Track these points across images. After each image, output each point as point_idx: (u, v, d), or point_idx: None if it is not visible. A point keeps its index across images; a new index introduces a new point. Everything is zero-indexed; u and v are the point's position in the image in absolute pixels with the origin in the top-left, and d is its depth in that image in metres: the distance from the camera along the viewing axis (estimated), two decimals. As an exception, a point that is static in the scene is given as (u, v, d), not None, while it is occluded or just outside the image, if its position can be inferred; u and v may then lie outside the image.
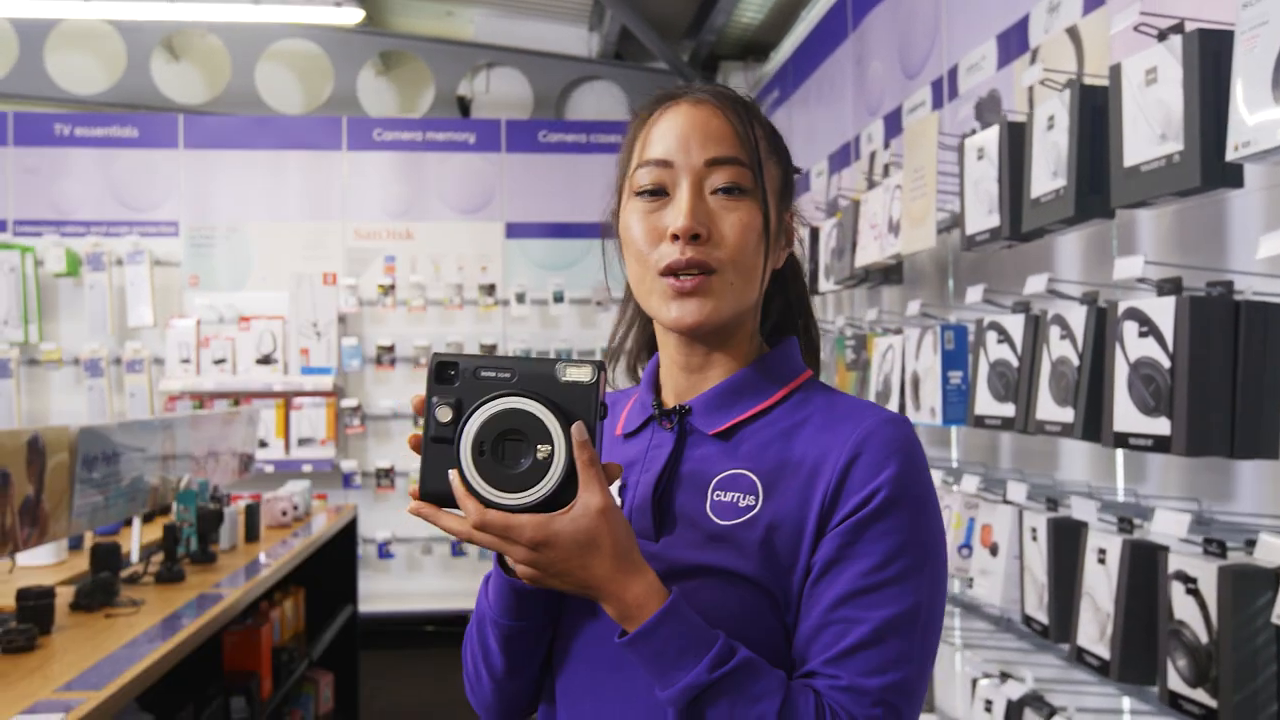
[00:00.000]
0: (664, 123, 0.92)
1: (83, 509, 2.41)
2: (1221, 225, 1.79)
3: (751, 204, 0.90)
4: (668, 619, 0.81)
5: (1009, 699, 1.99)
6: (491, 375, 0.81)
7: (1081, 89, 1.78)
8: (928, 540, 0.86)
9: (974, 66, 2.87)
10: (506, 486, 0.80)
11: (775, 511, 0.87)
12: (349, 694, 4.02)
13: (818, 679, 0.84)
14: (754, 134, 0.92)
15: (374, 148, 5.69)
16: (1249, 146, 1.31)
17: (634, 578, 0.82)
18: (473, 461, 0.79)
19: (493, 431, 0.80)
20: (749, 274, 0.91)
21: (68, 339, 5.39)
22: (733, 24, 5.45)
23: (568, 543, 0.80)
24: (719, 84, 0.96)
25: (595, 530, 0.80)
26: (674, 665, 0.81)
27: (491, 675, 0.95)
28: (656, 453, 0.93)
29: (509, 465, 0.80)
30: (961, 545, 2.24)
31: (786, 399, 0.94)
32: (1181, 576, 1.51)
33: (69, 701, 1.65)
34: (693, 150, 0.90)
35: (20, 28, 5.54)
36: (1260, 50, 1.30)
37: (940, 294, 2.93)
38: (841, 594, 0.84)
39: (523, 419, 0.80)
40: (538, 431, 0.80)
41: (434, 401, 0.81)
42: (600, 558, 0.80)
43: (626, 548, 0.82)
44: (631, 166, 0.93)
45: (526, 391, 0.80)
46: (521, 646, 0.92)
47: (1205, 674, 1.46)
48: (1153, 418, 1.54)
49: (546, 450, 0.79)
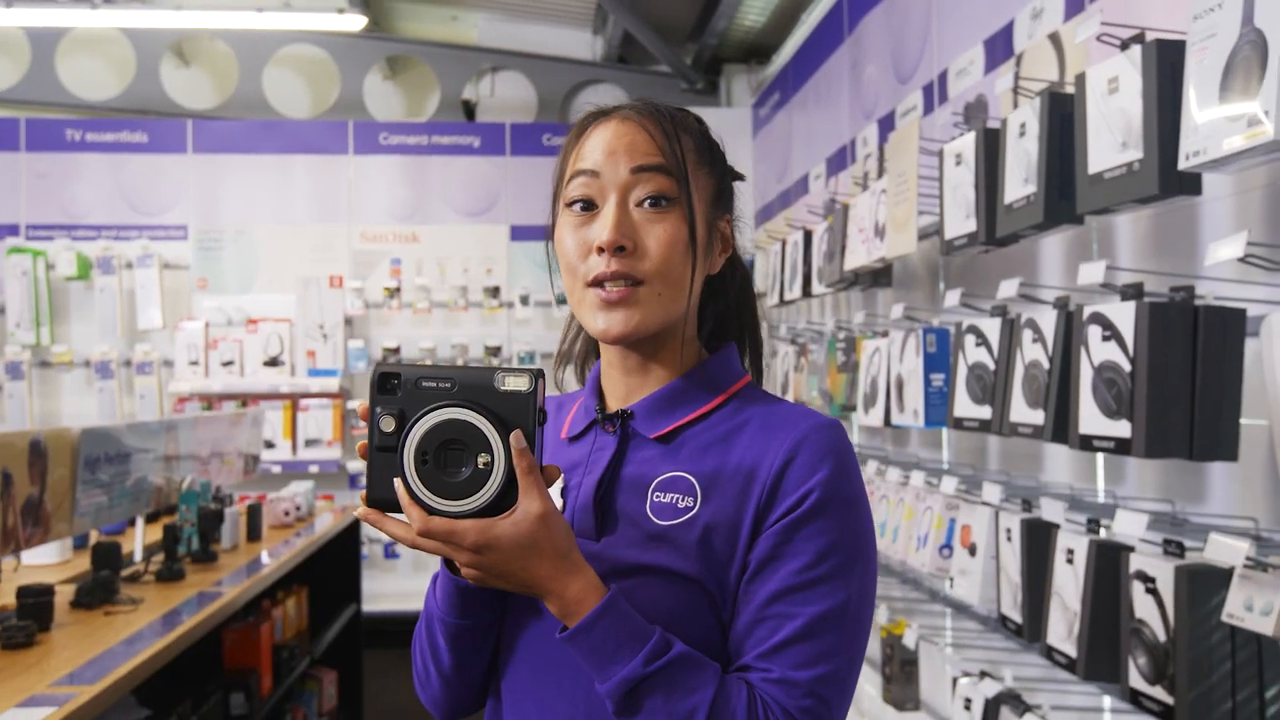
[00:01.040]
0: (594, 137, 0.95)
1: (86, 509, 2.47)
2: (1190, 232, 1.82)
3: (677, 215, 0.93)
4: (605, 614, 0.85)
5: (985, 697, 2.02)
6: (432, 385, 0.84)
7: (1051, 97, 1.81)
8: (858, 540, 0.90)
9: (962, 71, 2.90)
10: (449, 494, 0.83)
11: (713, 512, 0.91)
12: (353, 692, 4.08)
13: (751, 672, 0.87)
14: (679, 145, 0.94)
15: (380, 151, 5.75)
16: (1200, 155, 1.34)
17: (573, 576, 0.86)
18: (415, 470, 0.83)
19: (434, 441, 0.83)
20: (676, 284, 0.93)
21: (79, 341, 5.48)
22: (735, 27, 5.49)
23: (509, 546, 0.83)
24: (648, 100, 0.99)
25: (535, 534, 0.83)
26: (611, 659, 0.84)
27: (440, 672, 0.99)
28: (599, 455, 0.97)
29: (450, 474, 0.83)
30: (942, 546, 2.27)
31: (725, 404, 0.97)
32: (1141, 576, 1.54)
33: (62, 696, 1.71)
34: (620, 162, 0.93)
35: (32, 35, 5.64)
36: (1209, 61, 1.33)
37: (931, 297, 2.96)
38: (775, 591, 0.88)
39: (462, 429, 0.83)
40: (477, 441, 0.83)
41: (378, 412, 0.84)
42: (540, 559, 0.84)
43: (566, 549, 0.86)
44: (564, 179, 0.97)
45: (466, 401, 0.83)
46: (468, 644, 0.96)
47: (1163, 671, 1.49)
48: (1114, 420, 1.57)
49: (486, 459, 0.83)
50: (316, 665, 3.73)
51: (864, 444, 3.58)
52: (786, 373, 3.95)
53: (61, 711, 1.64)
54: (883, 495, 2.73)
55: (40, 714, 1.63)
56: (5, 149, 5.57)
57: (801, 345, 3.78)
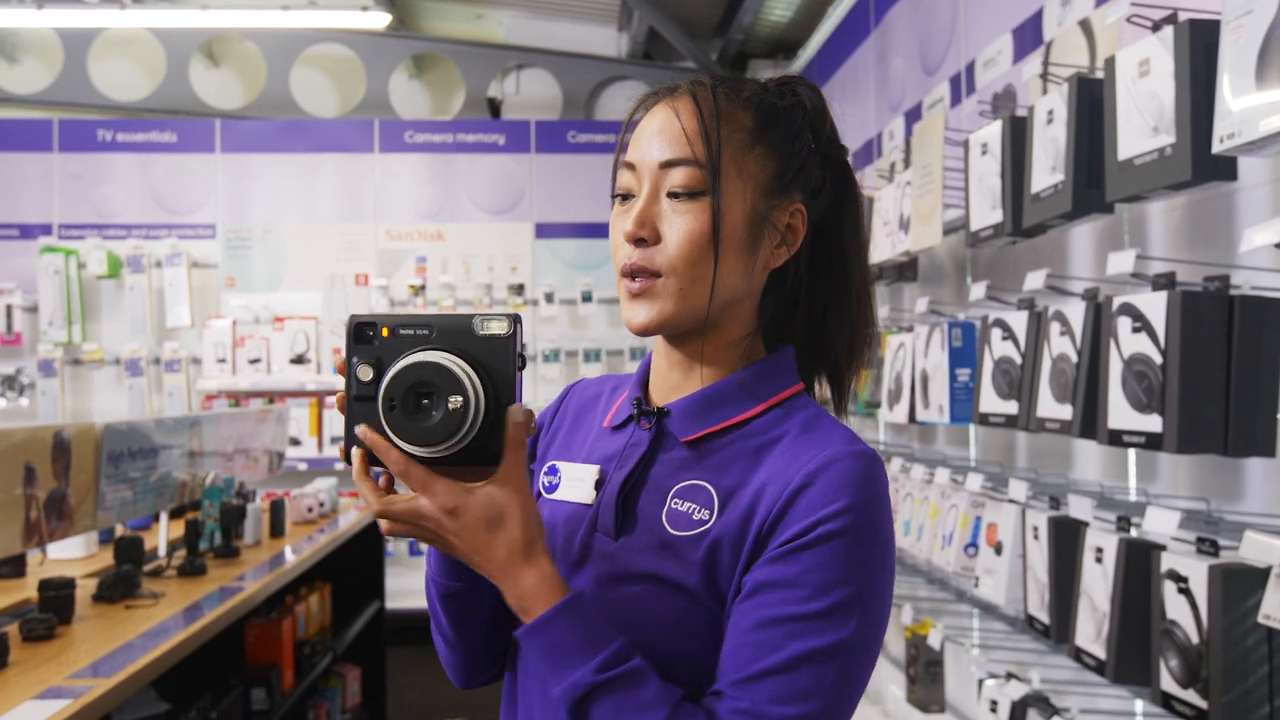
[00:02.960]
0: (641, 125, 0.93)
1: (111, 503, 2.48)
2: (1225, 219, 1.76)
3: (702, 206, 0.88)
4: (562, 614, 0.80)
5: (1012, 699, 1.97)
6: (410, 333, 0.82)
7: (1080, 82, 1.76)
8: (869, 581, 0.82)
9: (990, 62, 2.84)
10: (419, 440, 0.80)
11: (724, 527, 0.86)
12: (377, 688, 4.08)
13: (722, 699, 0.81)
14: (717, 131, 0.88)
15: (405, 150, 5.77)
16: (1235, 138, 1.29)
17: (528, 569, 0.82)
18: (384, 414, 0.80)
19: (402, 386, 0.79)
20: (697, 278, 0.88)
21: (109, 339, 5.53)
22: (761, 22, 5.44)
23: (477, 514, 0.80)
24: (706, 76, 0.94)
25: (506, 507, 0.80)
26: (565, 661, 0.80)
27: (443, 636, 0.98)
28: (632, 451, 0.93)
29: (420, 418, 0.80)
30: (968, 544, 2.22)
31: (766, 413, 0.91)
32: (1174, 575, 1.49)
33: (80, 688, 1.71)
34: (653, 153, 0.90)
35: (65, 38, 5.71)
36: (1245, 39, 1.28)
37: (957, 291, 2.91)
38: (765, 618, 0.81)
39: (432, 371, 0.79)
40: (449, 382, 0.79)
41: (354, 362, 0.82)
42: (502, 540, 0.81)
43: (531, 537, 0.82)
44: (615, 170, 0.95)
45: (443, 346, 0.81)
46: (460, 605, 0.93)
47: (1196, 675, 1.44)
48: (1145, 414, 1.52)
49: (458, 401, 0.79)
50: (340, 662, 3.74)
51: (889, 441, 3.53)
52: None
53: (78, 704, 1.64)
54: (907, 493, 2.69)
55: (57, 706, 1.63)
56: (39, 150, 5.64)
57: (827, 342, 3.72)
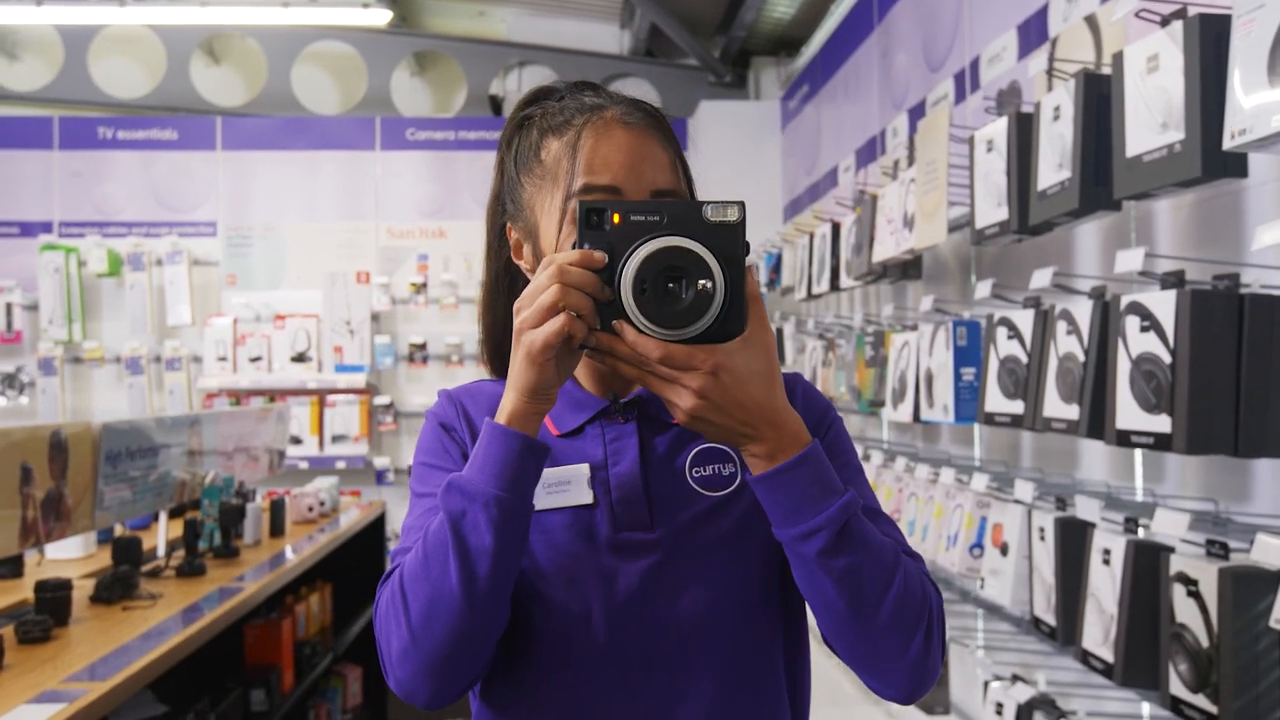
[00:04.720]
0: (603, 145, 0.90)
1: (110, 503, 2.46)
2: (1235, 216, 1.74)
3: None
4: (818, 451, 0.84)
5: (1018, 702, 1.95)
6: (641, 219, 0.82)
7: (1086, 78, 1.73)
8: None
9: (995, 58, 2.82)
10: (670, 323, 0.80)
11: None
12: (378, 688, 4.06)
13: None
14: (681, 159, 0.96)
15: (407, 147, 5.75)
16: (1247, 134, 1.27)
17: (790, 416, 0.83)
18: (634, 299, 0.80)
19: (654, 269, 0.80)
20: None
21: (109, 337, 5.52)
22: (763, 19, 5.42)
23: (744, 370, 0.81)
24: (637, 102, 0.96)
25: (770, 359, 0.82)
26: (829, 489, 0.83)
27: (451, 635, 0.81)
28: (621, 445, 0.92)
29: (672, 301, 0.81)
30: (973, 545, 2.20)
31: None
32: (1183, 578, 1.47)
33: (74, 692, 1.69)
34: (643, 178, 0.90)
35: (65, 36, 5.69)
36: (1257, 34, 1.26)
37: (962, 289, 2.88)
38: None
39: (682, 255, 0.81)
40: (698, 267, 0.80)
41: (586, 247, 0.82)
42: (770, 388, 0.82)
43: (781, 387, 0.84)
44: (573, 188, 0.90)
45: (678, 231, 0.82)
46: (517, 535, 0.82)
47: (1206, 679, 1.42)
48: (1154, 414, 1.50)
49: (706, 283, 0.80)
50: (341, 662, 3.72)
51: (893, 440, 3.50)
52: (814, 367, 3.88)
53: (74, 708, 1.62)
54: (911, 493, 2.66)
55: (52, 710, 1.61)
56: (39, 147, 5.63)
57: (829, 340, 3.71)
